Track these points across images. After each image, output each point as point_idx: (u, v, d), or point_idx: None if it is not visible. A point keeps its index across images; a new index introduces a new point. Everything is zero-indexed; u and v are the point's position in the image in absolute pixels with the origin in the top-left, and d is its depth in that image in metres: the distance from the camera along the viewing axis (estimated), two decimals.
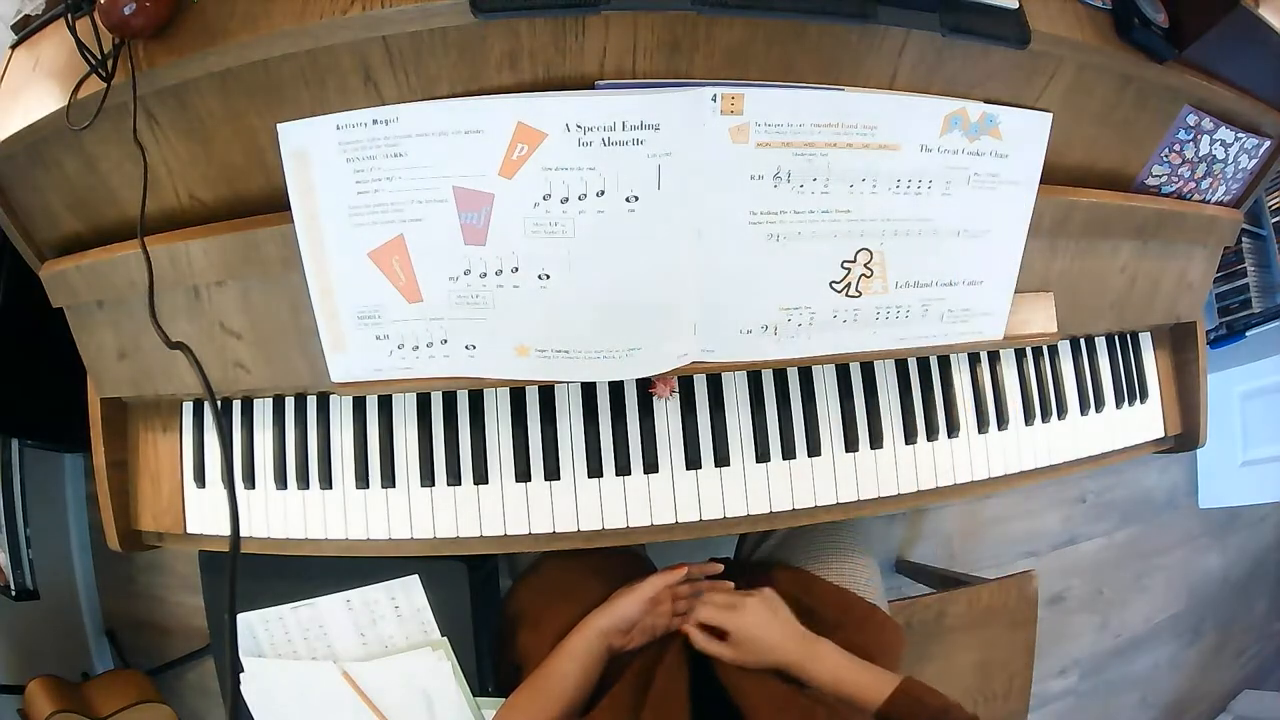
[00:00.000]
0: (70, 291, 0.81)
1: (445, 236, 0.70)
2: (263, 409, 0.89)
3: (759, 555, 1.05)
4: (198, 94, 0.69)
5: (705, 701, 0.70)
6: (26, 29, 0.78)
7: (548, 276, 0.71)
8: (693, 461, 0.85)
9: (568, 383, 0.85)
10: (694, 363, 0.79)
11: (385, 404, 0.86)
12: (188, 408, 0.90)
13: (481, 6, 0.61)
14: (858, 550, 1.00)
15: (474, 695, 0.93)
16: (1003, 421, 0.95)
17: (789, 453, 0.87)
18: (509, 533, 0.84)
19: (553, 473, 0.84)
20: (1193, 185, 0.95)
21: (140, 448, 0.91)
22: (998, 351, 0.96)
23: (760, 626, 0.78)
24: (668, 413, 0.86)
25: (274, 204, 0.73)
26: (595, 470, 0.84)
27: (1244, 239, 1.78)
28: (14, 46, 0.79)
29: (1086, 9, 0.75)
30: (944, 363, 0.93)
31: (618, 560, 0.96)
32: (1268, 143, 0.95)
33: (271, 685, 0.94)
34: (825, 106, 0.69)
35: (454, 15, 0.62)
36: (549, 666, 0.79)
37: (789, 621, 0.80)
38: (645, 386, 0.86)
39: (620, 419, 0.85)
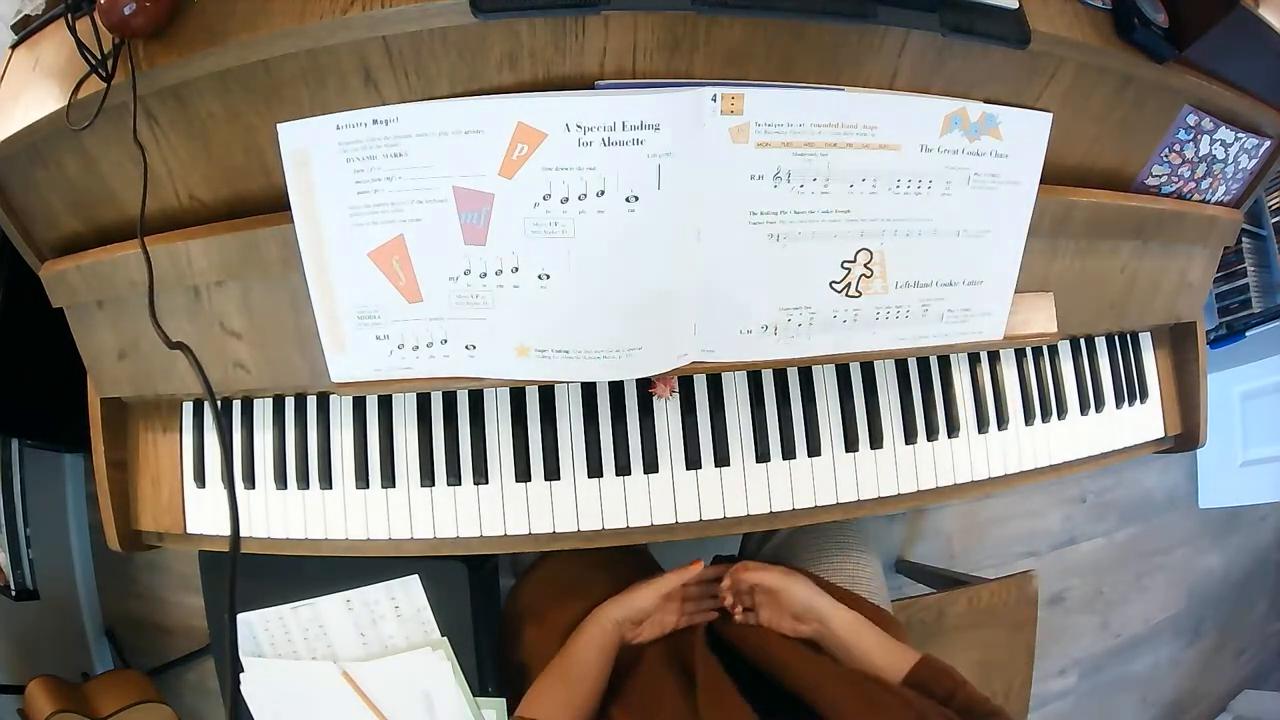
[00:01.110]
0: (70, 291, 0.81)
1: (445, 236, 0.70)
2: (263, 409, 0.89)
3: (763, 555, 1.05)
4: (198, 94, 0.69)
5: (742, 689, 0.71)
6: (26, 29, 0.78)
7: (548, 276, 0.71)
8: (693, 461, 0.85)
9: (568, 383, 0.85)
10: (694, 363, 0.79)
11: (385, 404, 0.86)
12: (188, 408, 0.90)
13: (481, 6, 0.61)
14: (860, 548, 1.00)
15: (474, 695, 0.93)
16: (1003, 421, 0.95)
17: (789, 453, 0.87)
18: (509, 533, 0.84)
19: (553, 473, 0.84)
20: (1193, 185, 0.95)
21: (140, 448, 0.91)
22: (998, 351, 0.96)
23: (813, 594, 0.81)
24: (668, 413, 0.86)
25: (274, 204, 0.72)
26: (595, 470, 0.84)
27: (1244, 239, 1.78)
28: (14, 46, 0.79)
29: (1086, 9, 0.75)
30: (944, 363, 0.93)
31: (622, 556, 0.96)
32: (1268, 143, 0.95)
33: (271, 685, 0.94)
34: (825, 106, 0.69)
35: (454, 15, 0.62)
36: (569, 655, 0.79)
37: (827, 594, 0.83)
38: (645, 386, 0.86)
39: (620, 419, 0.85)
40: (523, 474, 0.84)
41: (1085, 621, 2.02)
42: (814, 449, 0.88)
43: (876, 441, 0.89)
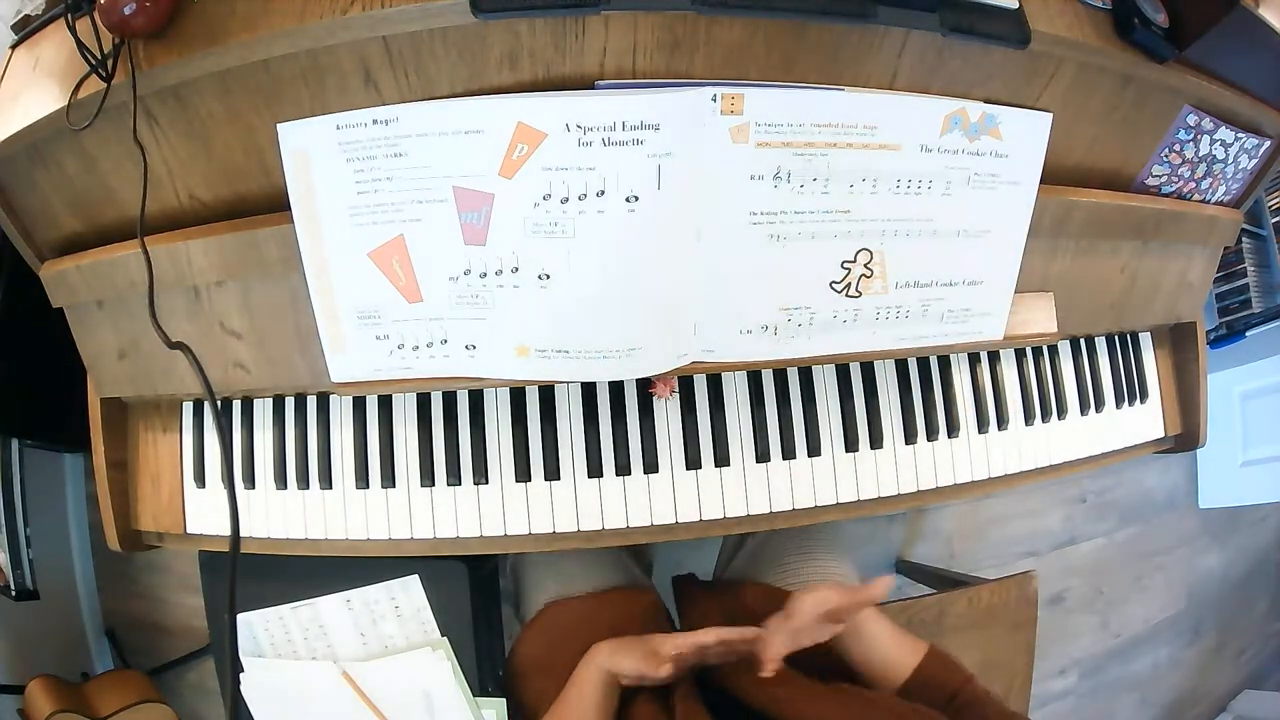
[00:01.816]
0: (70, 291, 0.81)
1: (445, 236, 0.70)
2: (263, 409, 0.89)
3: (730, 574, 1.03)
4: (198, 94, 0.69)
5: None
6: (26, 29, 0.78)
7: (548, 276, 0.71)
8: (693, 461, 0.85)
9: (568, 383, 0.85)
10: (694, 363, 0.79)
11: (385, 404, 0.86)
12: (188, 408, 0.90)
13: (482, 6, 0.61)
14: (825, 552, 0.98)
15: (474, 695, 0.93)
16: (1003, 421, 0.95)
17: (789, 453, 0.87)
18: (509, 533, 0.84)
19: (553, 473, 0.84)
20: (1193, 185, 0.95)
21: (140, 448, 0.91)
22: (998, 351, 0.96)
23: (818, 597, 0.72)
24: (668, 413, 0.86)
25: (274, 204, 0.73)
26: (595, 470, 0.84)
27: (1244, 239, 1.78)
28: (14, 46, 0.79)
29: (1086, 9, 0.75)
30: (944, 363, 0.93)
31: (625, 596, 0.93)
32: (1268, 143, 0.95)
33: (271, 685, 0.94)
34: (825, 106, 0.69)
35: (454, 15, 0.62)
36: (568, 706, 0.76)
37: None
38: (645, 386, 0.86)
39: (620, 419, 0.85)
40: (523, 474, 0.84)
41: (1085, 621, 2.02)
42: (814, 449, 0.88)
43: (876, 441, 0.89)
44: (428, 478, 0.85)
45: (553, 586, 0.94)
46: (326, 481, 0.86)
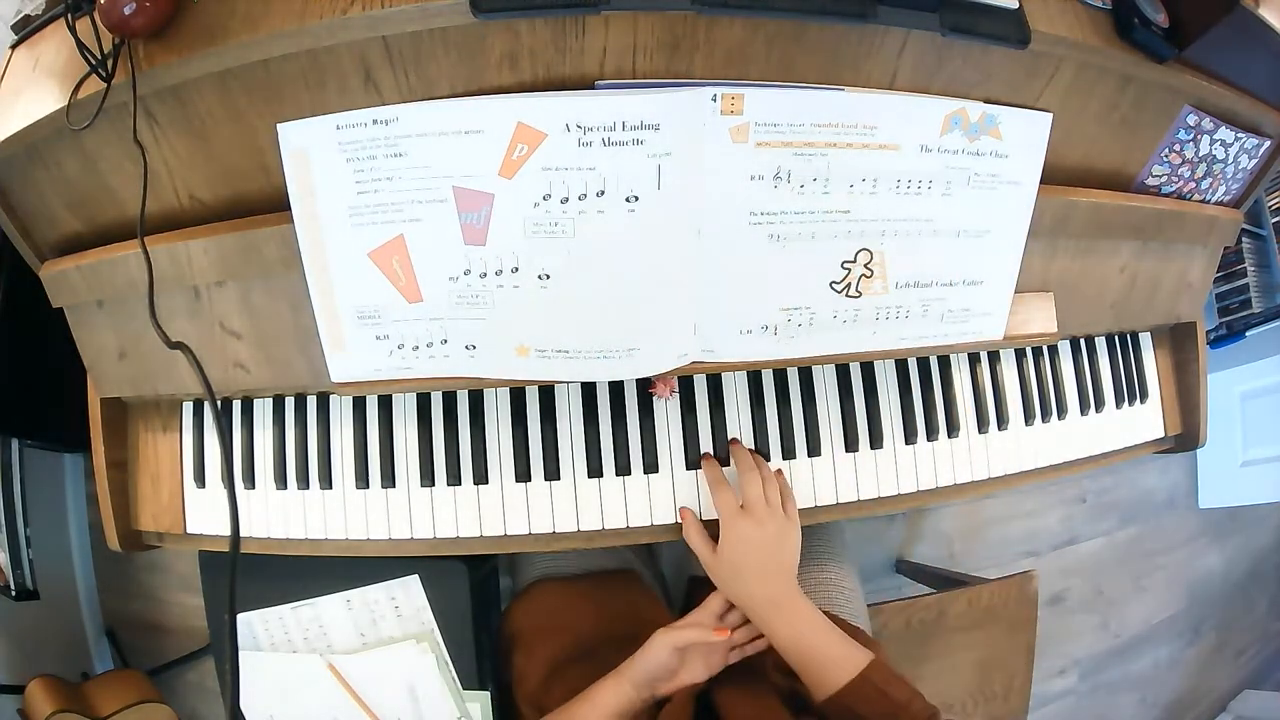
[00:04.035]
0: (70, 291, 0.81)
1: (445, 236, 0.70)
2: (263, 409, 0.89)
3: None
4: (198, 94, 0.69)
5: None
6: (26, 29, 0.78)
7: (548, 276, 0.71)
8: (693, 461, 0.85)
9: (568, 383, 0.85)
10: (694, 363, 0.79)
11: (385, 404, 0.86)
12: (188, 408, 0.90)
13: (481, 6, 0.61)
14: (838, 558, 0.98)
15: (463, 689, 0.93)
16: (1003, 421, 0.95)
17: (789, 453, 0.87)
18: (509, 533, 0.84)
19: (553, 473, 0.84)
20: (1193, 185, 0.95)
21: (140, 448, 0.91)
22: (998, 351, 0.96)
23: (753, 541, 0.75)
24: (668, 413, 0.86)
25: (274, 204, 0.72)
26: (595, 470, 0.84)
27: (1244, 239, 1.78)
28: (14, 46, 0.79)
29: (1086, 9, 0.75)
30: (944, 363, 0.93)
31: (613, 581, 0.94)
32: (1268, 143, 0.95)
33: (260, 678, 0.94)
34: (825, 106, 0.69)
35: (454, 15, 0.62)
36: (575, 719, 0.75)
37: (787, 558, 0.77)
38: (645, 386, 0.86)
39: (620, 419, 0.85)
40: (523, 474, 0.84)
41: (1085, 621, 2.02)
42: (814, 449, 0.88)
43: (876, 441, 0.89)
44: (428, 478, 0.85)
45: (544, 564, 0.94)
46: (326, 481, 0.86)
